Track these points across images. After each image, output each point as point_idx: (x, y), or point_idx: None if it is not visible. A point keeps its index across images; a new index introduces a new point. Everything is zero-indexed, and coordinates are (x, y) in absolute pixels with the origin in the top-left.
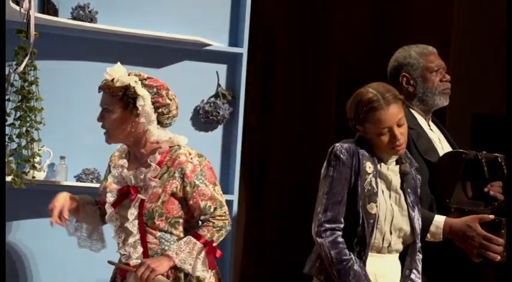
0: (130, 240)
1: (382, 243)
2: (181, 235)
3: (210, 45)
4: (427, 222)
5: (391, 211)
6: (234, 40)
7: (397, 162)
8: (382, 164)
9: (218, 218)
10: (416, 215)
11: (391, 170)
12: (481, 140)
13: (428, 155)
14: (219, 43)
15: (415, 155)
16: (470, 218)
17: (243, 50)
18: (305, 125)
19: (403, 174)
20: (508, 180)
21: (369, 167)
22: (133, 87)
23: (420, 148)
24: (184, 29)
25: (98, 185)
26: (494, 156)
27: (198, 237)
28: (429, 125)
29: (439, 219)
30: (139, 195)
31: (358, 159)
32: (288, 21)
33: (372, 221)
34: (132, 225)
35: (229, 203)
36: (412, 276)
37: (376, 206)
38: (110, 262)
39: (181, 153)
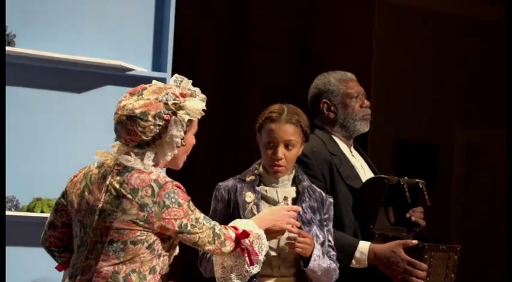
0: None
1: (272, 266)
2: None
3: (132, 70)
4: (351, 249)
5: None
6: (157, 65)
7: (295, 184)
8: (269, 188)
9: None
10: (312, 232)
11: (285, 192)
12: (402, 166)
13: (351, 181)
14: (142, 68)
15: (338, 181)
16: (394, 244)
17: (167, 75)
18: (228, 152)
19: (298, 194)
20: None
21: (249, 196)
22: None
23: (343, 174)
24: (106, 53)
25: (16, 213)
26: (416, 182)
27: None
28: (351, 151)
29: (364, 246)
30: None
31: (236, 193)
32: (212, 48)
33: None
34: None
35: None
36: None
37: None
38: None
39: None
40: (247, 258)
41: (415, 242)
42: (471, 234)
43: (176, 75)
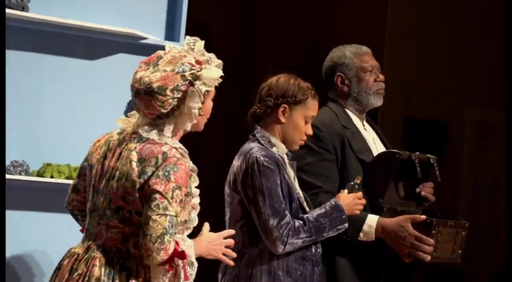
0: None
1: None
2: None
3: (146, 38)
4: (360, 222)
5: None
6: (171, 34)
7: None
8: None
9: None
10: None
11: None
12: (411, 142)
13: (362, 155)
14: (155, 37)
15: (349, 154)
16: (403, 218)
17: (180, 45)
18: (235, 127)
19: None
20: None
21: (289, 169)
22: None
23: (355, 147)
24: (120, 21)
25: (26, 178)
26: (427, 158)
27: None
28: (363, 125)
29: (372, 219)
30: None
31: (283, 164)
32: (223, 19)
33: None
34: None
35: None
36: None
37: (308, 206)
38: None
39: None
40: (169, 275)
41: (423, 217)
42: (479, 211)
43: (188, 37)
